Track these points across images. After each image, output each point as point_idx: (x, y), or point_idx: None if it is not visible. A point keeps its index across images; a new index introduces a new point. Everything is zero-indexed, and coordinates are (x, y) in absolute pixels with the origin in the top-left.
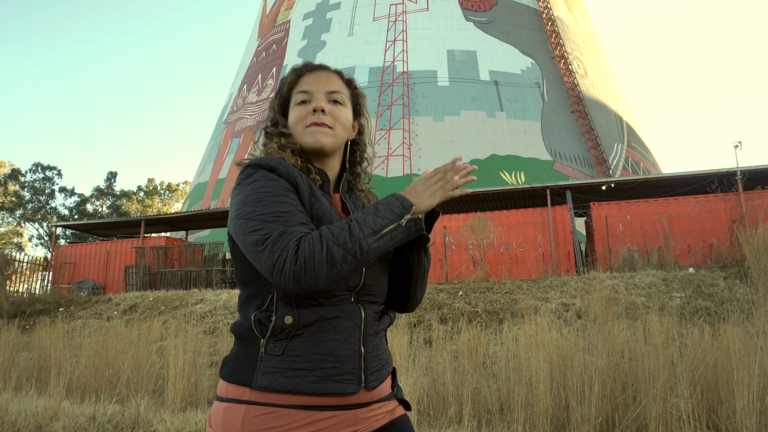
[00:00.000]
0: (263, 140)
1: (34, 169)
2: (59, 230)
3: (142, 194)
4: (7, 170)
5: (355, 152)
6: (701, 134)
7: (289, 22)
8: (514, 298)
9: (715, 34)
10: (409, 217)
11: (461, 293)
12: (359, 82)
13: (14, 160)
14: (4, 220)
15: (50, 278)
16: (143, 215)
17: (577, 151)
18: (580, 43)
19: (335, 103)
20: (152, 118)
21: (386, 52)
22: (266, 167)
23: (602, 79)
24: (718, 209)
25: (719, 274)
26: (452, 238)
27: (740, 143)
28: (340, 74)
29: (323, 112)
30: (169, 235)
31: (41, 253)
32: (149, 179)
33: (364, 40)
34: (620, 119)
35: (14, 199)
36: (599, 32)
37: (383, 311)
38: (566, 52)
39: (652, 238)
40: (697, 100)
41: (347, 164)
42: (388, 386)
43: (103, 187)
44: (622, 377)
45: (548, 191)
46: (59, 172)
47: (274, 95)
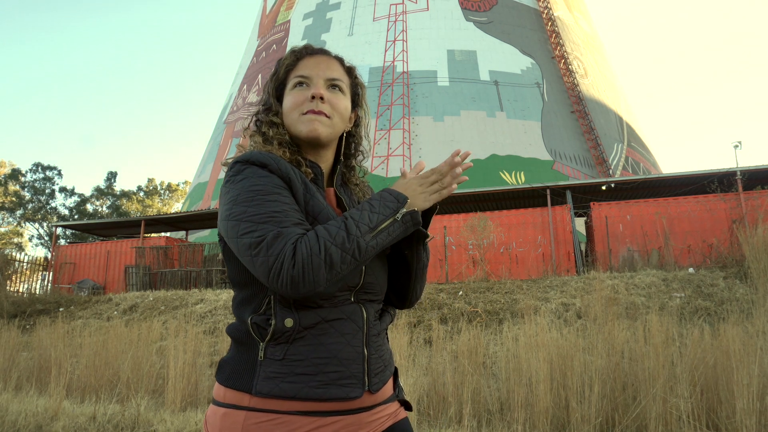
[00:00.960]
0: (252, 130)
1: (34, 169)
2: (59, 230)
3: (142, 194)
4: (7, 170)
5: (350, 144)
6: (701, 134)
7: (289, 22)
8: (514, 298)
9: (715, 34)
10: (404, 210)
11: (461, 293)
12: None
13: (14, 160)
14: (4, 220)
15: (50, 278)
16: (143, 215)
17: (577, 151)
18: (580, 43)
19: (335, 90)
20: (152, 118)
21: (386, 52)
22: (257, 163)
23: (602, 79)
24: (718, 209)
25: (719, 274)
26: (452, 238)
27: (740, 143)
28: (341, 61)
29: (322, 99)
30: (169, 235)
31: (41, 253)
32: (149, 179)
33: (364, 40)
34: (620, 119)
35: (14, 199)
36: (599, 32)
37: (384, 309)
38: (566, 52)
39: (652, 238)
40: (697, 100)
41: (341, 157)
42: (390, 388)
43: (103, 187)
44: (622, 377)
45: (548, 191)
46: (59, 172)
47: (269, 77)
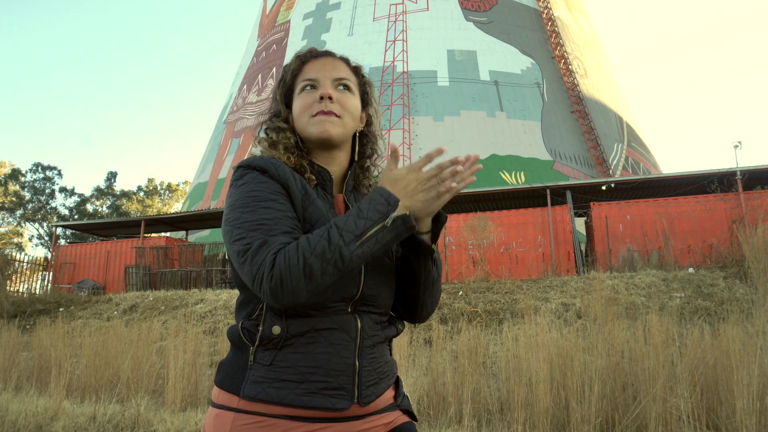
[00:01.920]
0: (261, 136)
1: (34, 169)
2: (59, 230)
3: (142, 194)
4: (7, 170)
5: (364, 144)
6: (701, 134)
7: (289, 22)
8: (514, 298)
9: (715, 34)
10: (395, 215)
11: (461, 293)
12: None
13: (14, 160)
14: (4, 220)
15: (50, 278)
16: (143, 215)
17: (577, 151)
18: (580, 43)
19: (343, 90)
20: (152, 118)
21: (386, 52)
22: (257, 168)
23: (602, 79)
24: (718, 209)
25: (719, 274)
26: (452, 238)
27: (740, 143)
28: (346, 61)
29: (330, 99)
30: (169, 235)
31: (41, 253)
32: (149, 179)
33: (364, 40)
34: (620, 119)
35: (14, 199)
36: (599, 32)
37: (390, 320)
38: (566, 52)
39: (652, 238)
40: (697, 99)
41: (356, 157)
42: (389, 397)
43: (103, 187)
44: (622, 377)
45: (548, 191)
46: (59, 172)
47: (276, 84)
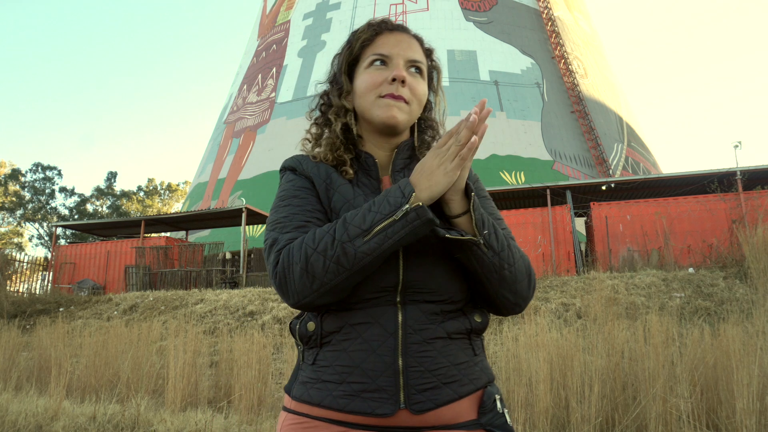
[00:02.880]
0: (315, 117)
1: (34, 169)
2: (59, 230)
3: (142, 194)
4: (7, 170)
5: (423, 130)
6: (701, 134)
7: (289, 22)
8: None
9: (715, 34)
10: (407, 207)
11: None
12: None
13: (14, 160)
14: (4, 220)
15: (50, 278)
16: (143, 215)
17: (577, 151)
18: (580, 43)
19: (415, 73)
20: (152, 118)
21: None
22: (288, 168)
23: (602, 79)
24: (718, 209)
25: (719, 274)
26: None
27: (740, 143)
28: (420, 41)
29: (403, 83)
30: (169, 235)
31: (41, 253)
32: (149, 179)
33: None
34: (620, 119)
35: (14, 199)
36: (599, 32)
37: (459, 311)
38: (566, 52)
39: (652, 238)
40: (697, 100)
41: (416, 143)
42: (463, 411)
43: (103, 187)
44: (622, 377)
45: (548, 191)
46: (59, 172)
47: (340, 50)
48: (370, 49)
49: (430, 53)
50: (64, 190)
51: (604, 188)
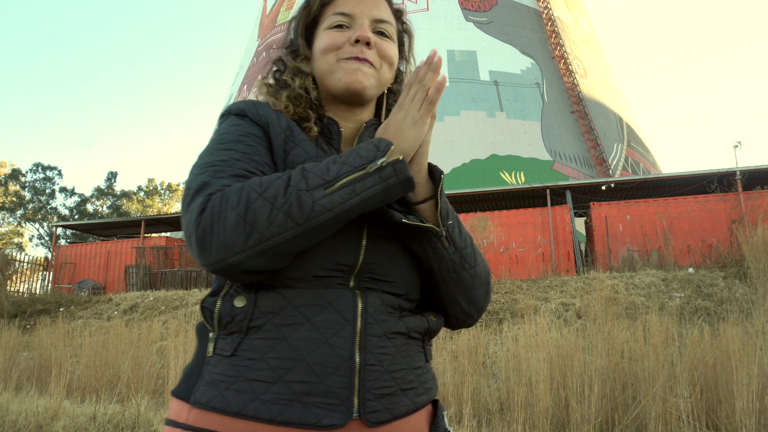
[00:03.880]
0: (268, 80)
1: (34, 169)
2: (59, 230)
3: (142, 194)
4: (7, 170)
5: (391, 103)
6: (701, 134)
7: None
8: (514, 298)
9: (715, 34)
10: (383, 161)
11: None
12: None
13: (14, 160)
14: (4, 220)
15: (50, 278)
16: (143, 215)
17: (577, 151)
18: (580, 43)
19: (382, 35)
20: (153, 118)
21: None
22: (234, 112)
23: (602, 79)
24: (717, 209)
25: (719, 274)
26: None
27: (740, 143)
28: (388, 0)
29: (368, 45)
30: (169, 235)
31: (41, 253)
32: (149, 179)
33: None
34: (620, 119)
35: (15, 199)
36: (599, 32)
37: (416, 312)
38: (566, 52)
39: (651, 238)
40: (697, 99)
41: (382, 117)
42: (419, 425)
43: (103, 187)
44: (621, 377)
45: (548, 191)
46: (59, 172)
47: (297, 11)
48: (330, 7)
49: (400, 14)
50: (64, 190)
51: (604, 188)
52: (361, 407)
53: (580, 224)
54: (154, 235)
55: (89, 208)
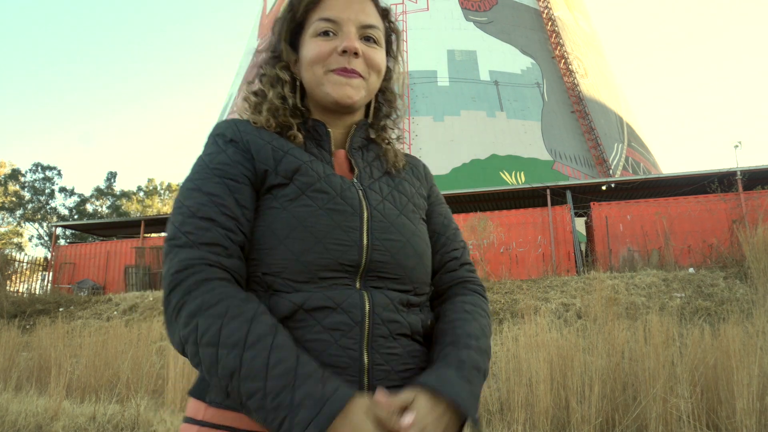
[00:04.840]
0: (251, 90)
1: (34, 169)
2: (59, 230)
3: (142, 194)
4: (7, 170)
5: (380, 103)
6: (701, 134)
7: None
8: (514, 298)
9: (715, 34)
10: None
11: None
12: None
13: (14, 160)
14: (4, 220)
15: (50, 278)
16: (143, 215)
17: (577, 151)
18: (580, 43)
19: (369, 41)
20: (152, 118)
21: None
22: (216, 134)
23: (602, 79)
24: (718, 209)
25: (719, 274)
26: None
27: (740, 143)
28: (374, 1)
29: (356, 55)
30: None
31: (41, 253)
32: (149, 179)
33: None
34: (620, 119)
35: (14, 199)
36: (599, 32)
37: (423, 307)
38: (566, 52)
39: (652, 238)
40: (697, 99)
41: (370, 118)
42: None
43: (103, 187)
44: (622, 377)
45: (548, 191)
46: (59, 172)
47: (281, 13)
48: (315, 12)
49: (387, 13)
50: (63, 190)
51: (604, 188)
52: None
53: (580, 224)
54: (153, 235)
55: (89, 208)
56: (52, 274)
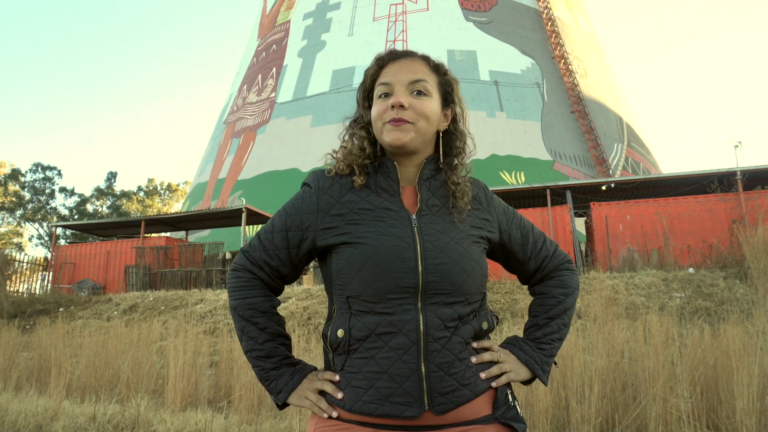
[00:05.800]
0: (338, 146)
1: (34, 169)
2: (59, 230)
3: (142, 194)
4: (7, 170)
5: (447, 143)
6: (701, 134)
7: (289, 22)
8: (514, 298)
9: (716, 34)
10: (272, 398)
11: None
12: (359, 82)
13: (14, 160)
14: (4, 220)
15: (50, 278)
16: (143, 215)
17: (577, 151)
18: (580, 43)
19: (419, 94)
20: (152, 118)
21: None
22: (306, 183)
23: (602, 79)
24: (718, 209)
25: (719, 274)
26: None
27: (740, 143)
28: (426, 60)
29: (402, 107)
30: (169, 235)
31: (41, 253)
32: (149, 179)
33: (364, 40)
34: (620, 119)
35: (14, 199)
36: (599, 32)
37: (474, 314)
38: (566, 52)
39: (652, 238)
40: (697, 99)
41: (440, 157)
42: (479, 408)
43: (103, 187)
44: (622, 377)
45: (548, 191)
46: (59, 172)
47: (359, 86)
48: (378, 80)
49: (439, 69)
50: (64, 190)
51: (604, 188)
52: (430, 402)
53: (580, 224)
54: (153, 235)
55: (89, 208)
56: (52, 274)
